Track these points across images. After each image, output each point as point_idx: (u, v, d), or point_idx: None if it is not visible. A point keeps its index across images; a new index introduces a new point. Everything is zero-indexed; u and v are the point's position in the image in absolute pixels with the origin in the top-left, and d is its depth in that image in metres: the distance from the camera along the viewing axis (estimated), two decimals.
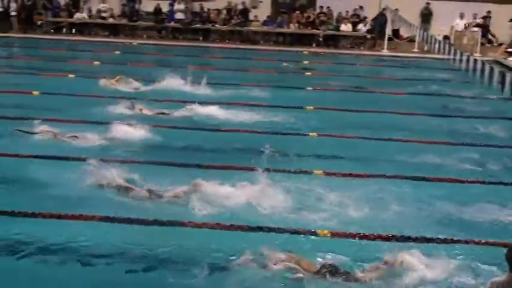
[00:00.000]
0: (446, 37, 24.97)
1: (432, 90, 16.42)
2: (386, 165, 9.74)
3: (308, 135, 11.31)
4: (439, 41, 23.17)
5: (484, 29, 25.38)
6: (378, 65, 21.96)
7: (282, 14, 26.22)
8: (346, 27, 25.12)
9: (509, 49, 22.63)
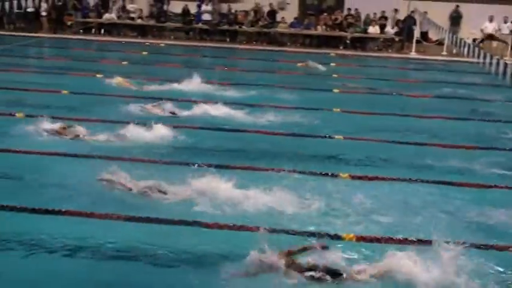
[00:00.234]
0: (475, 40, 24.67)
1: (460, 94, 16.23)
2: (413, 169, 9.66)
3: (334, 137, 11.26)
4: (468, 44, 22.91)
5: None
6: (406, 68, 21.77)
7: (309, 15, 26.17)
8: (374, 30, 24.97)
9: None
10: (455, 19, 25.91)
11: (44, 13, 26.02)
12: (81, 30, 25.87)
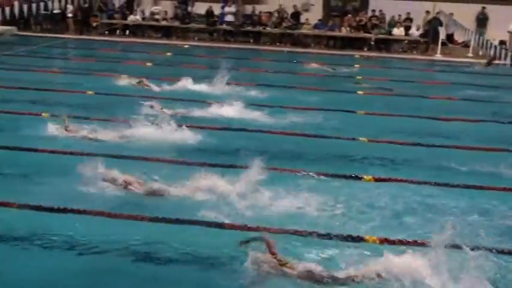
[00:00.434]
0: (502, 42, 24.35)
1: (486, 96, 16.03)
2: (438, 172, 9.57)
3: (358, 139, 11.20)
4: (494, 46, 22.62)
5: None
6: (431, 70, 21.58)
7: (333, 17, 26.08)
8: (398, 31, 24.80)
9: None
10: (482, 21, 25.62)
11: (70, 14, 26.30)
12: (107, 32, 26.11)
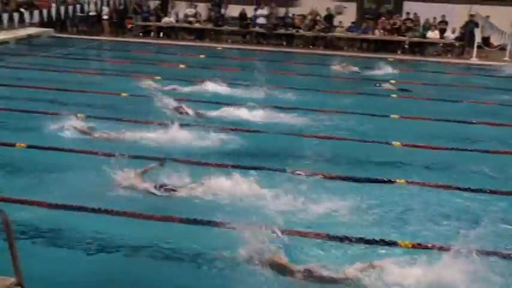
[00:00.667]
0: None
1: None
2: (473, 178, 9.45)
3: (391, 144, 11.12)
4: None
5: None
6: (466, 74, 21.30)
7: (367, 20, 25.94)
8: (433, 34, 24.54)
9: None
10: None
11: (105, 16, 26.67)
12: (141, 33, 26.39)
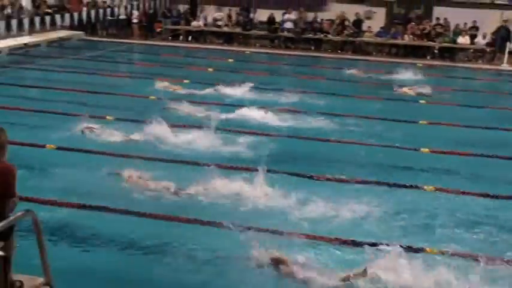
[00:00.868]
0: None
1: None
2: (502, 185, 9.33)
3: (419, 150, 11.02)
4: None
5: None
6: (497, 80, 21.02)
7: (396, 25, 25.76)
8: (463, 40, 24.27)
9: None
10: None
11: (135, 20, 26.93)
12: (170, 37, 26.58)
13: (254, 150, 10.60)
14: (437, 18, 25.50)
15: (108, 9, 27.24)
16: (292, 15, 25.86)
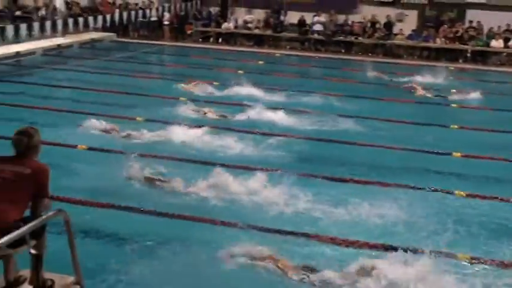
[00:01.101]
0: None
1: None
2: None
3: (451, 154, 10.89)
4: None
5: None
6: None
7: (428, 28, 25.51)
8: (497, 43, 23.92)
9: None
10: None
11: (166, 22, 27.14)
12: (200, 39, 26.72)
13: (282, 152, 10.58)
14: (470, 21, 25.19)
15: (139, 11, 27.53)
16: (323, 18, 25.79)
